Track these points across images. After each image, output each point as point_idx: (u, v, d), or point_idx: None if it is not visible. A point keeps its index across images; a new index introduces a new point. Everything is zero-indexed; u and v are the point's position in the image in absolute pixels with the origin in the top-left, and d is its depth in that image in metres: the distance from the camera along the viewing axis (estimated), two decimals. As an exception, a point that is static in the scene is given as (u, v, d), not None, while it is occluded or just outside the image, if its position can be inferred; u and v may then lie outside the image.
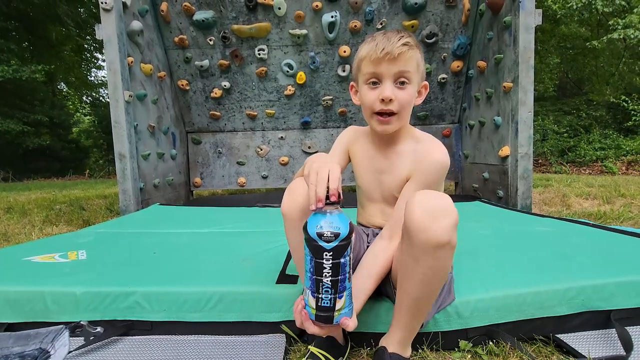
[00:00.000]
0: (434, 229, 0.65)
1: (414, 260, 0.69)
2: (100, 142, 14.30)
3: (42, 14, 10.73)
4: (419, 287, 0.72)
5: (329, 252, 0.64)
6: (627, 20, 7.22)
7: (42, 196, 4.16)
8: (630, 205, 2.66)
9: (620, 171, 6.65)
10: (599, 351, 0.84)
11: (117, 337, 0.91)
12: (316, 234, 0.63)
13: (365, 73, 0.85)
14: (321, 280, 0.65)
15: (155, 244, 1.50)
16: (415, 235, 0.66)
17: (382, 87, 0.83)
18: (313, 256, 0.65)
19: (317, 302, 0.66)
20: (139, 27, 2.58)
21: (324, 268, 0.64)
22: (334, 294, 0.66)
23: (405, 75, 0.82)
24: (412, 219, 0.67)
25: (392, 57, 0.80)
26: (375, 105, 0.84)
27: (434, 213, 0.65)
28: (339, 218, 0.65)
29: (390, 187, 0.92)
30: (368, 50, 0.83)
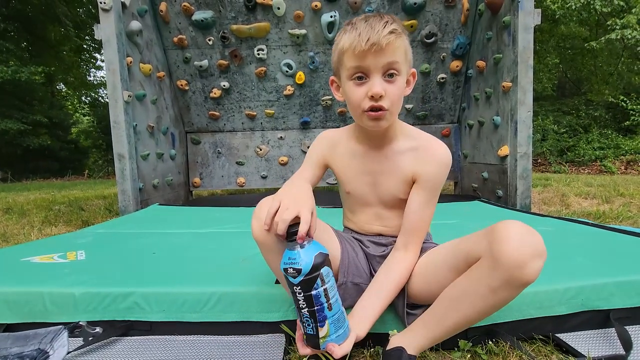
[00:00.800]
0: (530, 267, 0.61)
1: (491, 290, 0.65)
2: (99, 142, 14.30)
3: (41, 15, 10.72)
4: (478, 314, 0.70)
5: (297, 287, 0.66)
6: (625, 21, 7.24)
7: (41, 196, 4.15)
8: (629, 205, 2.66)
9: (619, 171, 6.67)
10: (598, 350, 0.84)
11: (116, 338, 0.91)
12: (283, 270, 0.66)
13: (349, 67, 0.76)
14: (300, 310, 0.68)
15: (155, 244, 1.50)
16: (508, 270, 0.62)
17: (370, 82, 0.75)
18: (290, 290, 0.68)
19: (303, 329, 0.71)
20: (138, 27, 2.58)
21: (298, 300, 0.67)
22: (314, 322, 0.68)
23: (394, 66, 0.74)
24: (511, 251, 0.61)
25: (379, 48, 0.71)
26: (364, 103, 0.76)
27: (535, 251, 0.62)
28: (302, 253, 0.66)
29: (390, 188, 0.88)
30: (350, 41, 0.73)
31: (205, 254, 1.34)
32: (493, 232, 0.65)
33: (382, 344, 0.87)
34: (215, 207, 2.65)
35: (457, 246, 0.77)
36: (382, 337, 0.87)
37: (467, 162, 3.31)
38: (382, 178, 0.88)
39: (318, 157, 0.94)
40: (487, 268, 0.65)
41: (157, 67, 2.97)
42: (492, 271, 0.64)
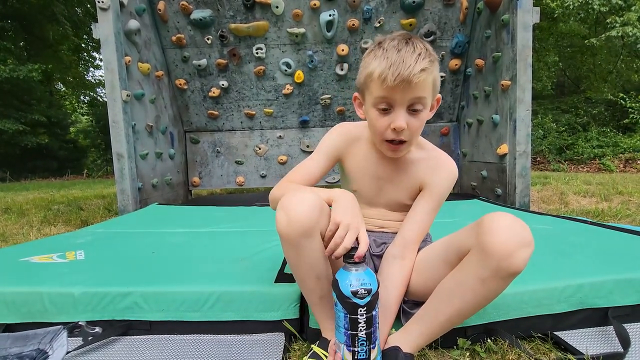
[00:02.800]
0: (517, 257, 0.63)
1: (480, 281, 0.67)
2: (98, 141, 14.28)
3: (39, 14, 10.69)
4: (470, 307, 0.71)
5: (363, 308, 0.66)
6: (625, 18, 7.24)
7: (40, 196, 4.15)
8: (628, 203, 2.67)
9: (618, 169, 6.68)
10: (596, 348, 0.84)
11: (116, 337, 0.91)
12: (351, 293, 0.66)
13: (375, 96, 0.76)
14: (357, 334, 0.67)
15: (154, 243, 1.50)
16: (497, 260, 0.63)
17: (393, 115, 0.75)
18: (347, 313, 0.67)
19: (354, 355, 0.68)
20: (136, 27, 2.57)
21: (358, 323, 0.67)
22: (368, 345, 0.68)
23: (420, 102, 0.75)
24: (497, 242, 0.63)
25: (407, 85, 0.71)
26: (387, 134, 0.77)
27: (522, 240, 0.64)
28: (367, 274, 0.67)
29: (397, 195, 0.90)
30: (380, 70, 0.72)
31: (204, 253, 1.34)
32: (480, 224, 0.67)
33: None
34: (214, 207, 2.65)
35: (449, 241, 0.79)
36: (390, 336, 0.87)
37: (466, 160, 3.31)
38: (390, 185, 0.90)
39: (334, 150, 0.92)
40: (475, 260, 0.67)
41: (156, 67, 2.97)
42: (480, 262, 0.66)
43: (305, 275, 0.77)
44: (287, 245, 0.74)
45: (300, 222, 0.70)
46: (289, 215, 0.70)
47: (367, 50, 0.80)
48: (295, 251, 0.73)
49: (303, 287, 0.81)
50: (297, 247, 0.72)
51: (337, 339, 0.72)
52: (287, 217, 0.70)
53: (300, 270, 0.77)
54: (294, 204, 0.71)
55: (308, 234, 0.71)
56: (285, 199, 0.72)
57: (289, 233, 0.71)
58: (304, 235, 0.70)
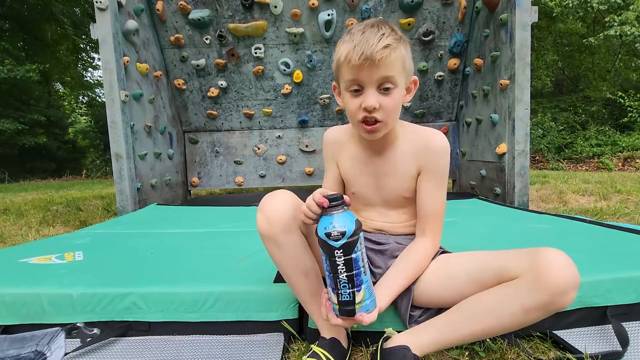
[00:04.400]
0: (569, 296, 0.64)
1: (523, 310, 0.66)
2: (96, 142, 14.25)
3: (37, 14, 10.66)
4: (501, 329, 0.71)
5: (339, 250, 0.68)
6: (623, 17, 7.25)
7: (38, 197, 4.14)
8: (627, 202, 2.67)
9: (616, 167, 6.69)
10: (595, 347, 0.84)
11: (115, 338, 0.91)
12: (325, 235, 0.68)
13: (345, 79, 0.78)
14: (338, 276, 0.69)
15: (153, 244, 1.50)
16: (551, 295, 0.63)
17: (364, 95, 0.76)
18: (327, 256, 0.69)
19: (338, 297, 0.71)
20: (134, 27, 2.57)
21: (337, 265, 0.69)
22: (351, 288, 0.70)
23: (389, 80, 0.75)
24: (556, 278, 0.63)
25: (372, 62, 0.72)
26: (359, 114, 0.78)
27: (576, 282, 0.64)
28: (343, 217, 0.69)
29: (395, 189, 0.89)
30: (346, 53, 0.74)
31: (203, 254, 1.34)
32: (538, 255, 0.67)
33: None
34: (213, 207, 2.65)
35: (486, 260, 0.77)
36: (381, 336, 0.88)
37: (465, 159, 3.31)
38: (385, 180, 0.90)
39: (330, 158, 0.97)
40: (525, 288, 0.66)
41: (154, 67, 2.96)
42: (531, 292, 0.65)
43: (292, 274, 0.80)
44: (269, 244, 0.78)
45: (277, 219, 0.74)
46: (266, 214, 0.75)
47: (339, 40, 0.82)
48: (277, 248, 0.77)
49: (294, 287, 0.83)
50: (278, 244, 0.76)
51: (327, 284, 0.74)
52: (264, 217, 0.75)
53: (287, 269, 0.80)
54: (269, 204, 0.76)
55: (287, 229, 0.75)
56: (262, 202, 0.77)
57: (269, 231, 0.75)
58: (283, 231, 0.75)
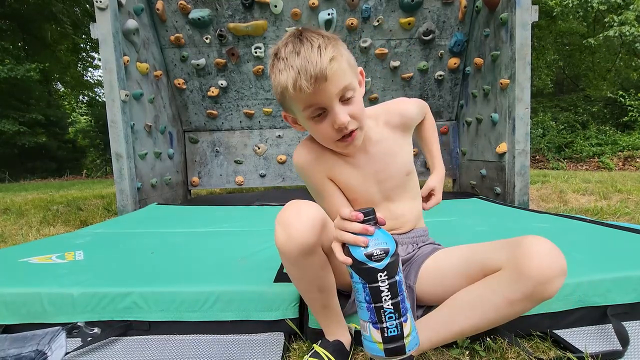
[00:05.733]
0: (554, 285, 0.62)
1: (508, 302, 0.65)
2: (97, 141, 14.24)
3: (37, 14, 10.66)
4: (489, 324, 0.70)
5: (383, 273, 0.58)
6: (623, 17, 7.24)
7: (39, 197, 4.14)
8: (627, 201, 2.67)
9: (616, 167, 6.69)
10: (595, 346, 0.84)
11: (115, 338, 0.91)
12: (364, 256, 0.58)
13: (303, 108, 0.71)
14: (382, 307, 0.59)
15: (153, 243, 1.50)
16: (533, 285, 0.62)
17: (331, 115, 0.71)
18: (366, 282, 0.59)
19: (383, 333, 0.59)
20: (134, 26, 2.57)
21: (381, 292, 0.58)
22: (398, 318, 0.59)
23: (347, 89, 0.70)
24: (537, 267, 0.62)
25: (324, 81, 0.66)
26: (333, 135, 0.73)
27: (561, 268, 0.63)
28: (381, 233, 0.60)
29: (397, 170, 0.87)
30: (292, 82, 0.66)
31: (203, 253, 1.34)
32: (519, 245, 0.65)
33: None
34: (213, 206, 2.65)
35: (471, 254, 0.76)
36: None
37: (465, 159, 3.31)
38: (385, 170, 0.87)
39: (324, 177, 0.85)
40: (508, 280, 0.65)
41: (154, 66, 2.96)
42: (513, 284, 0.64)
43: (306, 289, 0.76)
44: (286, 262, 0.70)
45: (300, 239, 0.64)
46: (289, 232, 0.65)
47: (269, 66, 0.74)
48: (295, 268, 0.70)
49: (305, 297, 0.80)
50: (297, 264, 0.69)
51: (361, 319, 0.62)
52: (286, 233, 0.65)
53: (302, 284, 0.75)
54: (294, 222, 0.65)
55: (309, 252, 0.66)
56: (285, 215, 0.66)
57: (289, 251, 0.66)
58: (305, 253, 0.66)
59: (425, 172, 3.54)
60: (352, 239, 0.59)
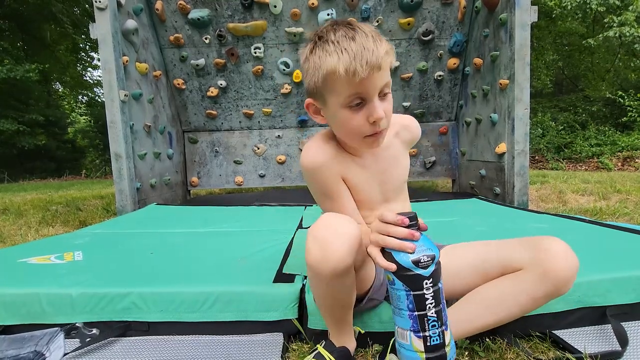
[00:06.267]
0: (571, 283, 0.69)
1: (532, 299, 0.70)
2: (96, 142, 14.23)
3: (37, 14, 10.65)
4: (511, 318, 0.74)
5: (429, 280, 0.57)
6: (623, 18, 7.25)
7: (38, 197, 4.13)
8: (626, 201, 2.67)
9: (616, 167, 6.69)
10: (594, 347, 0.84)
11: (114, 339, 0.91)
12: (411, 263, 0.56)
13: (346, 95, 0.68)
14: (425, 314, 0.57)
15: (152, 244, 1.50)
16: (556, 284, 0.68)
17: (369, 107, 0.69)
18: (410, 290, 0.57)
19: (426, 342, 0.58)
20: (133, 26, 2.56)
21: (426, 300, 0.57)
22: (440, 326, 0.59)
23: (388, 85, 0.71)
24: (561, 269, 0.67)
25: (377, 71, 0.66)
26: (364, 128, 0.71)
27: (577, 269, 0.69)
28: (425, 239, 0.59)
29: (398, 175, 0.90)
30: (344, 65, 0.65)
31: (203, 254, 1.34)
32: (541, 248, 0.70)
33: (383, 342, 0.87)
34: (213, 207, 2.64)
35: (488, 252, 0.79)
36: (382, 336, 0.88)
37: (464, 159, 3.31)
38: (387, 173, 0.88)
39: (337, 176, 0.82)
40: (532, 281, 0.69)
41: (154, 66, 2.96)
42: (538, 284, 0.68)
43: (329, 305, 0.75)
44: (317, 281, 0.68)
45: (337, 262, 0.62)
46: (325, 251, 0.61)
47: (307, 50, 0.72)
48: (324, 287, 0.68)
49: (324, 312, 0.78)
50: (329, 284, 0.67)
51: (398, 327, 0.60)
52: (321, 253, 0.62)
53: (327, 301, 0.74)
54: (332, 238, 0.62)
55: (344, 273, 0.64)
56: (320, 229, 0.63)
57: (323, 271, 0.63)
58: (339, 274, 0.64)
59: (425, 172, 3.54)
60: (398, 245, 0.58)
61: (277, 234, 1.57)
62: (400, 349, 0.61)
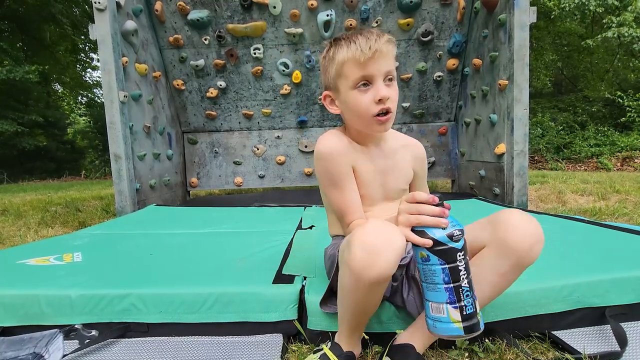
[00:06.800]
0: (535, 250, 0.68)
1: (499, 275, 0.71)
2: (95, 142, 14.23)
3: (36, 14, 10.65)
4: (487, 299, 0.75)
5: (461, 252, 0.62)
6: (622, 19, 7.26)
7: (37, 198, 4.13)
8: (625, 202, 2.68)
9: (615, 167, 6.70)
10: (594, 347, 0.84)
11: (113, 340, 0.91)
12: (446, 237, 0.61)
13: (353, 78, 0.79)
14: (460, 285, 0.62)
15: (152, 245, 1.50)
16: (518, 255, 0.68)
17: (374, 88, 0.79)
18: (446, 262, 0.62)
19: (462, 311, 0.62)
20: (133, 27, 2.56)
21: (459, 271, 0.62)
22: (472, 295, 0.63)
23: (392, 72, 0.81)
24: (518, 238, 0.67)
25: (380, 54, 0.77)
26: (372, 108, 0.79)
27: (538, 235, 0.68)
28: (451, 217, 0.65)
29: (399, 182, 0.93)
30: (352, 53, 0.77)
31: (202, 255, 1.34)
32: (497, 222, 0.71)
33: (382, 343, 0.87)
34: (212, 207, 2.64)
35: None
36: (383, 337, 0.88)
37: (464, 160, 3.32)
38: (391, 176, 0.92)
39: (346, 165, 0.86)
40: (494, 255, 0.71)
41: (153, 67, 2.96)
42: (500, 258, 0.70)
43: (357, 311, 0.75)
44: (357, 287, 0.68)
45: (385, 271, 0.63)
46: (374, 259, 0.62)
47: (325, 52, 0.85)
48: (364, 294, 0.69)
49: (347, 316, 0.78)
50: (369, 291, 0.68)
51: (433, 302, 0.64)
52: (370, 260, 0.62)
53: (356, 308, 0.74)
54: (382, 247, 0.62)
55: (385, 282, 0.66)
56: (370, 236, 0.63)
57: (367, 277, 0.63)
58: (383, 281, 0.66)
59: (424, 172, 3.54)
60: (434, 222, 0.63)
61: (277, 234, 1.57)
62: (435, 324, 0.64)
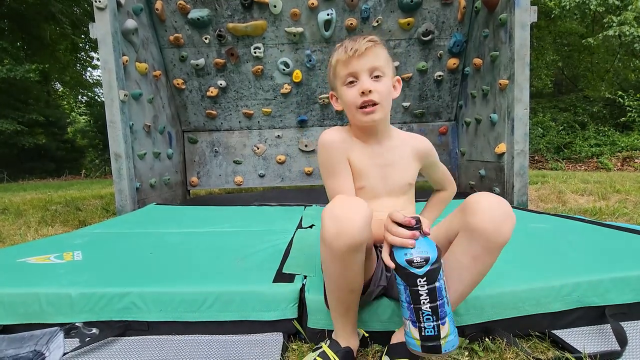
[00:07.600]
0: (504, 229, 0.69)
1: (473, 259, 0.72)
2: (96, 141, 14.22)
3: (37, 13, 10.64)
4: (468, 286, 0.76)
5: (422, 278, 0.63)
6: (622, 18, 7.26)
7: (37, 197, 4.13)
8: (625, 201, 2.68)
9: (615, 167, 6.70)
10: (593, 346, 0.84)
11: (113, 338, 0.91)
12: (405, 262, 0.63)
13: (342, 76, 0.89)
14: (420, 308, 0.64)
15: (152, 244, 1.50)
16: (486, 236, 0.69)
17: (359, 82, 0.86)
18: (407, 285, 0.64)
19: (421, 332, 0.65)
20: (133, 26, 2.56)
21: (420, 295, 0.64)
22: (436, 320, 0.64)
23: (378, 69, 0.86)
24: (483, 220, 0.69)
25: (360, 52, 0.84)
26: (357, 100, 0.86)
27: (504, 213, 0.70)
28: (424, 242, 0.65)
29: (401, 177, 0.95)
30: (339, 54, 0.88)
31: (202, 254, 1.34)
32: (465, 206, 0.73)
33: (382, 343, 0.87)
34: (212, 207, 2.64)
35: (436, 231, 0.82)
36: (383, 336, 0.88)
37: (464, 159, 3.31)
38: (391, 170, 0.95)
39: (343, 158, 0.92)
40: (466, 240, 0.72)
41: (154, 66, 2.96)
42: (471, 241, 0.71)
43: (340, 288, 0.77)
44: (332, 258, 0.71)
45: (352, 236, 0.67)
46: (340, 226, 0.67)
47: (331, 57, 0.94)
48: (338, 264, 0.72)
49: (333, 298, 0.81)
50: (343, 261, 0.70)
51: (402, 315, 0.68)
52: (336, 228, 0.67)
53: (337, 283, 0.76)
54: (348, 217, 0.67)
55: (357, 248, 0.69)
56: (337, 208, 0.69)
57: (338, 246, 0.68)
58: (353, 249, 0.68)
59: (425, 172, 3.54)
60: (399, 242, 0.66)
61: (277, 234, 1.57)
62: (405, 335, 0.69)
